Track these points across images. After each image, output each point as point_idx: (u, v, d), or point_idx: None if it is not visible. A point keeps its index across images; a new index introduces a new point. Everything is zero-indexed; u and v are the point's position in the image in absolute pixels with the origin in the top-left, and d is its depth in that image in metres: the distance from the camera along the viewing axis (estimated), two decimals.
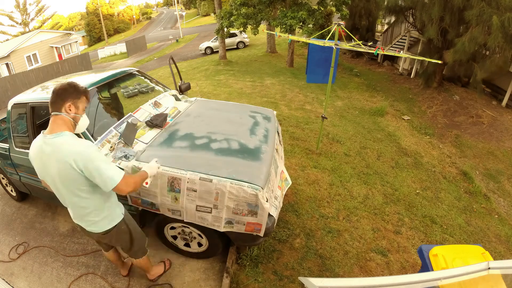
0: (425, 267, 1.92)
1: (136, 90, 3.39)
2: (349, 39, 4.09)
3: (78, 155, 1.53)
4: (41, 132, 1.64)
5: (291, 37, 4.78)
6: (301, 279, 1.15)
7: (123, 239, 2.00)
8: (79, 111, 1.66)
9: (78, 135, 1.79)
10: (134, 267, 2.60)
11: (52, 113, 1.61)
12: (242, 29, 11.78)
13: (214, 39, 19.24)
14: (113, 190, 1.62)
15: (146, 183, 1.89)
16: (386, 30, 13.67)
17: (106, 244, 2.20)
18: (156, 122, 2.65)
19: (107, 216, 1.82)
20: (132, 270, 2.64)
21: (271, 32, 8.25)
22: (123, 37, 45.98)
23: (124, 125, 2.54)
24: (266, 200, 2.06)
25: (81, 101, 1.66)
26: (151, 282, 2.47)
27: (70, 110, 1.62)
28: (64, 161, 1.54)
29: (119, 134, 2.44)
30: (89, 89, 2.76)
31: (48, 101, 1.62)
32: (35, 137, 2.77)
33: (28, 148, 2.91)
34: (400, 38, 12.51)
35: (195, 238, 2.49)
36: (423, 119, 8.47)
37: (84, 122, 1.74)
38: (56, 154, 1.55)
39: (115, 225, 1.86)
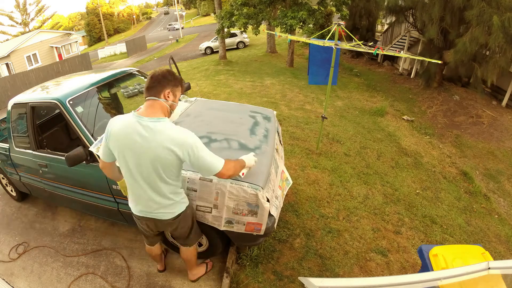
0: (425, 267, 1.92)
1: (136, 90, 3.39)
2: (349, 39, 4.08)
3: (183, 143, 1.54)
4: (132, 111, 1.62)
5: (289, 36, 4.78)
6: (301, 279, 1.15)
7: (187, 224, 1.98)
8: (176, 99, 1.69)
9: None
10: (154, 263, 2.59)
11: (149, 97, 1.61)
12: (243, 29, 11.78)
13: (214, 39, 19.25)
14: (216, 175, 1.67)
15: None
16: (386, 30, 13.67)
17: (156, 237, 2.18)
18: None
19: (179, 201, 1.82)
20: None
21: (271, 32, 8.24)
22: (123, 37, 45.98)
23: None
24: (266, 199, 2.06)
25: (178, 89, 1.70)
26: (192, 283, 2.45)
27: (168, 97, 1.64)
28: (166, 146, 1.53)
29: None
30: (89, 89, 2.77)
31: (48, 101, 1.61)
32: (35, 137, 2.82)
33: (28, 148, 2.93)
34: (400, 38, 12.51)
35: None
36: (423, 119, 8.47)
37: (178, 110, 1.76)
38: (157, 139, 1.53)
39: (183, 210, 1.87)
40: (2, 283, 2.61)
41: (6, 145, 3.26)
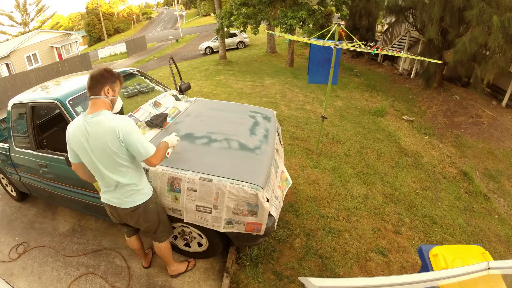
0: (425, 267, 1.92)
1: (136, 90, 3.39)
2: (349, 39, 4.08)
3: (120, 127, 1.71)
4: (81, 113, 1.81)
5: (287, 36, 4.78)
6: (301, 279, 1.15)
7: (151, 219, 2.07)
8: (116, 93, 1.85)
9: None
10: (154, 261, 2.65)
11: (91, 97, 1.76)
12: (242, 29, 11.78)
13: (214, 39, 19.23)
14: (145, 161, 1.82)
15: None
16: (386, 30, 13.67)
17: (130, 228, 2.27)
18: (156, 122, 2.64)
19: (140, 190, 1.94)
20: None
21: (271, 32, 8.24)
22: (123, 37, 45.97)
23: None
24: (266, 199, 2.06)
25: (116, 84, 1.85)
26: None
27: (108, 93, 1.79)
28: (107, 132, 1.70)
29: None
30: None
31: (48, 101, 1.63)
32: (35, 137, 2.82)
33: (27, 148, 2.93)
34: (400, 38, 12.50)
35: (195, 238, 2.49)
36: (423, 119, 8.47)
37: (119, 103, 1.91)
38: (99, 128, 1.71)
39: (145, 202, 1.97)
40: (2, 283, 2.62)
41: (6, 145, 3.26)
